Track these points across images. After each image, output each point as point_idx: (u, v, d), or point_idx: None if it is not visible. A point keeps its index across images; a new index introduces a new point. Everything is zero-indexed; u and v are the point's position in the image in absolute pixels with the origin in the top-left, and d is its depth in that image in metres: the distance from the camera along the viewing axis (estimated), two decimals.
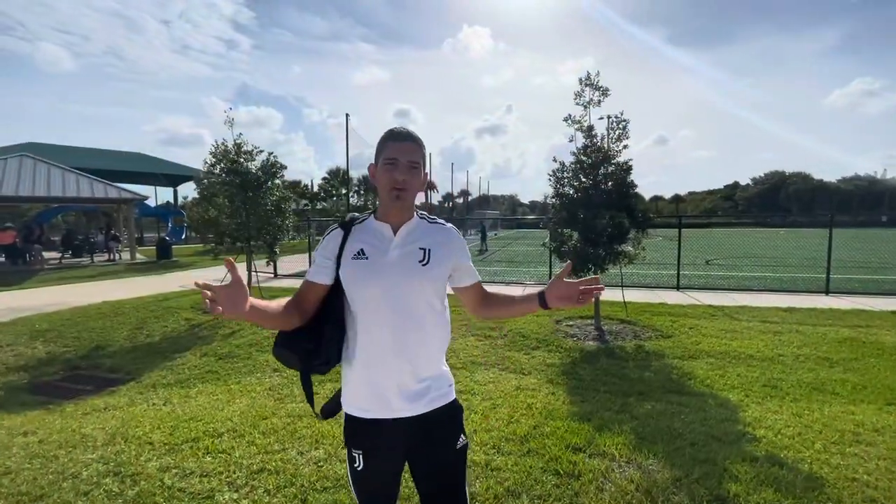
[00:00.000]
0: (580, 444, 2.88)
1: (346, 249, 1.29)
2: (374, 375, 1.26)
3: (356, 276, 1.26)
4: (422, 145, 1.31)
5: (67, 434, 3.14)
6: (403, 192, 1.25)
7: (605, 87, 5.93)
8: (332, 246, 1.31)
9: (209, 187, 7.99)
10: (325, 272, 1.30)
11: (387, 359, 1.25)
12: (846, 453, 2.74)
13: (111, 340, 6.19)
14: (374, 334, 1.26)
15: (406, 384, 1.27)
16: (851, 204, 64.24)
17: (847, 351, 5.10)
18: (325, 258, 1.31)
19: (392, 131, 1.29)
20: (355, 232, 1.32)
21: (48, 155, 19.87)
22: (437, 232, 1.35)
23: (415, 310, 1.26)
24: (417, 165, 1.28)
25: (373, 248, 1.28)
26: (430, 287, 1.28)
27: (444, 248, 1.32)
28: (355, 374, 1.29)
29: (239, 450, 2.85)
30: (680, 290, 9.22)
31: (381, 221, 1.32)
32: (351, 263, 1.27)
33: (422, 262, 1.28)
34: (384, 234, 1.30)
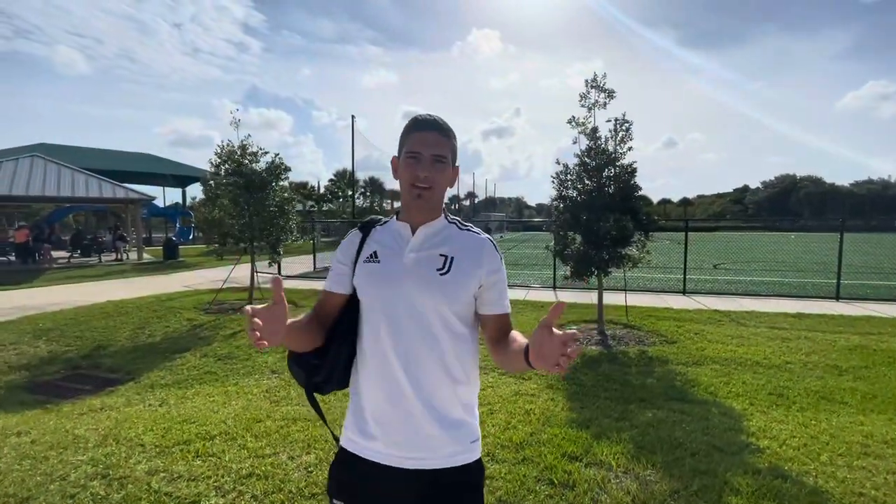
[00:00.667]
0: (577, 452, 2.81)
1: (362, 253, 1.13)
2: (380, 408, 1.06)
3: (365, 279, 1.10)
4: (451, 135, 1.11)
5: (60, 435, 3.13)
6: (427, 190, 1.07)
7: (611, 89, 5.86)
8: (349, 250, 1.15)
9: (214, 188, 8.02)
10: (342, 280, 1.14)
11: (392, 384, 1.04)
12: (853, 466, 2.64)
13: (113, 340, 6.21)
14: (380, 356, 1.06)
15: (414, 423, 1.04)
16: (864, 208, 63.25)
17: (857, 359, 4.97)
18: (341, 263, 1.15)
19: (416, 119, 1.11)
20: (374, 234, 1.16)
21: (59, 155, 20.16)
22: (467, 240, 1.13)
23: (428, 328, 1.04)
24: (444, 160, 1.08)
25: (387, 250, 1.11)
26: (447, 303, 1.05)
27: (472, 260, 1.09)
28: (357, 404, 1.11)
29: (229, 453, 2.81)
30: (686, 295, 9.08)
31: (401, 221, 1.14)
32: (363, 267, 1.11)
33: (440, 271, 1.06)
34: (402, 235, 1.12)
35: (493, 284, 1.11)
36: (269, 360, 5.19)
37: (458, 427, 1.07)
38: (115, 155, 32.19)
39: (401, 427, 1.04)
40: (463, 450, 1.07)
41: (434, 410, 1.04)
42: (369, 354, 1.08)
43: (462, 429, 1.08)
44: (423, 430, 1.04)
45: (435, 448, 1.05)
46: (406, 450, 1.04)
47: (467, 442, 1.08)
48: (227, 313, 7.56)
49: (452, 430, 1.06)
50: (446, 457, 1.05)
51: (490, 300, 1.11)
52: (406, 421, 1.04)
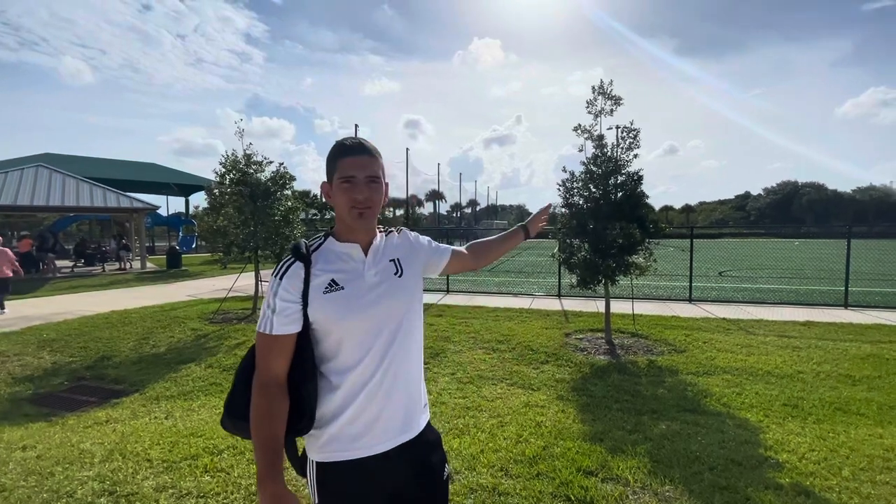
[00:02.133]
0: (592, 467, 2.75)
1: (312, 284, 1.09)
2: (360, 408, 1.11)
3: (334, 311, 1.09)
4: (378, 156, 1.17)
5: (66, 449, 3.08)
6: (368, 210, 1.13)
7: (618, 96, 5.86)
8: (293, 284, 1.09)
9: (219, 197, 8.03)
10: (294, 319, 1.08)
11: (374, 387, 1.11)
12: (877, 482, 2.58)
13: (117, 351, 6.17)
14: (362, 367, 1.11)
15: (394, 409, 1.15)
16: (867, 214, 63.08)
17: (870, 368, 4.90)
18: (288, 302, 1.08)
19: (342, 144, 1.14)
20: (317, 261, 1.13)
21: (64, 165, 20.28)
22: (396, 239, 1.29)
23: (401, 327, 1.16)
24: (378, 179, 1.14)
25: (345, 274, 1.13)
26: (410, 300, 1.20)
27: (409, 252, 1.27)
28: (332, 414, 1.11)
29: (238, 468, 2.77)
30: (692, 303, 9.01)
31: (346, 242, 1.16)
32: (324, 298, 1.09)
33: (397, 275, 1.19)
34: (353, 256, 1.16)
35: (429, 251, 1.34)
36: None
37: (422, 401, 1.25)
38: (118, 164, 32.38)
39: (386, 415, 1.14)
40: (423, 413, 1.25)
41: (407, 391, 1.18)
42: (351, 372, 1.11)
43: (421, 395, 1.25)
44: (402, 410, 1.17)
45: (413, 420, 1.19)
46: (387, 434, 1.14)
47: (421, 404, 1.25)
48: (232, 323, 7.53)
49: (420, 402, 1.24)
50: (418, 422, 1.21)
51: (437, 258, 1.36)
52: (389, 409, 1.14)
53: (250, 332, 6.87)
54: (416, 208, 54.40)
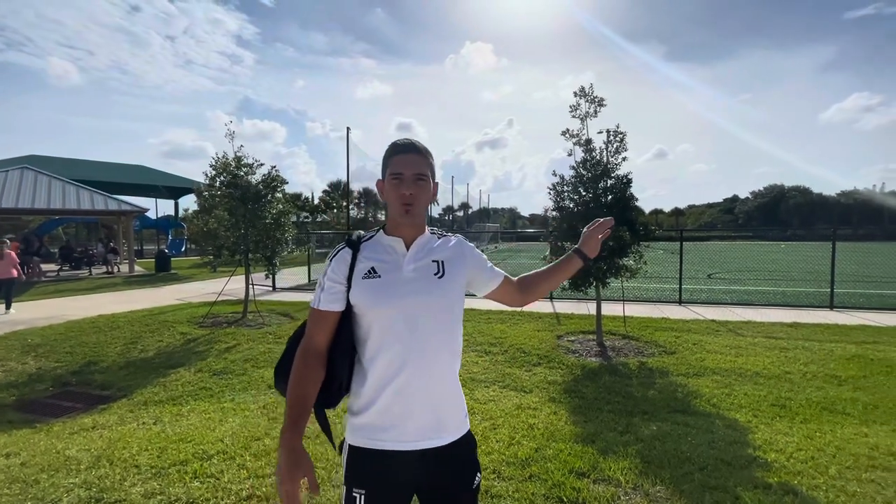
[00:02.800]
0: (584, 468, 2.77)
1: (356, 269, 1.20)
2: (389, 401, 1.16)
3: (369, 296, 1.17)
4: (428, 155, 1.24)
5: (51, 456, 3.03)
6: (412, 206, 1.19)
7: (601, 98, 5.92)
8: (341, 268, 1.21)
9: (209, 199, 7.96)
10: (337, 298, 1.20)
11: (403, 382, 1.15)
12: (862, 480, 2.62)
13: (104, 356, 6.08)
14: (389, 357, 1.16)
15: (423, 410, 1.17)
16: (851, 218, 64.30)
17: (855, 368, 4.99)
18: (334, 282, 1.21)
19: (395, 144, 1.24)
20: (364, 249, 1.23)
21: (50, 167, 19.96)
22: (447, 244, 1.31)
23: (432, 327, 1.18)
24: (425, 177, 1.21)
25: (385, 264, 1.21)
26: (446, 302, 1.21)
27: (457, 258, 1.28)
28: (366, 401, 1.18)
29: (228, 473, 2.74)
30: (682, 305, 9.11)
31: (392, 236, 1.25)
32: (362, 283, 1.18)
33: (437, 275, 1.21)
34: (396, 250, 1.23)
35: (479, 266, 1.34)
36: (265, 375, 5.10)
37: (455, 405, 1.24)
38: (106, 166, 31.90)
39: (414, 415, 1.16)
40: (458, 424, 1.23)
41: (439, 395, 1.19)
42: (381, 359, 1.17)
43: (457, 406, 1.24)
44: (429, 415, 1.17)
45: (442, 428, 1.19)
46: (418, 434, 1.17)
47: (461, 416, 1.25)
48: (222, 327, 7.45)
49: (453, 409, 1.23)
50: (449, 431, 1.20)
51: (486, 277, 1.35)
52: (418, 408, 1.16)
53: (241, 335, 6.81)
54: None
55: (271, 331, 7.10)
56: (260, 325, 7.52)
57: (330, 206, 43.62)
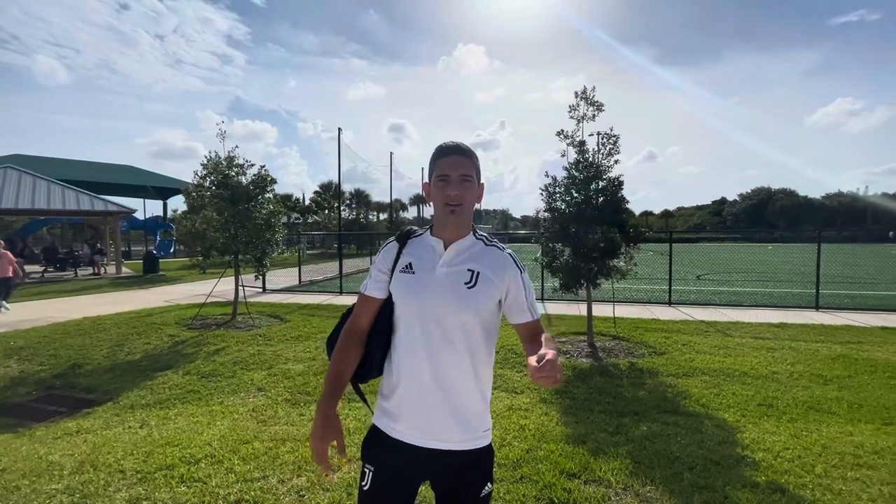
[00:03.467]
0: (575, 469, 2.77)
1: (399, 262, 1.27)
2: (407, 396, 1.22)
3: (402, 289, 1.24)
4: (473, 157, 1.26)
5: (33, 462, 2.95)
6: (458, 206, 1.21)
7: (600, 102, 5.97)
8: (387, 259, 1.30)
9: (198, 199, 7.86)
10: (381, 286, 1.29)
11: (421, 382, 1.20)
12: (848, 478, 2.66)
13: (89, 358, 5.96)
14: (411, 354, 1.22)
15: (438, 414, 1.20)
16: (836, 220, 65.48)
17: (840, 368, 5.07)
18: (380, 271, 1.30)
19: (441, 147, 1.27)
20: (410, 245, 1.30)
21: (36, 167, 19.59)
22: (492, 256, 1.27)
23: (453, 335, 1.19)
24: (470, 178, 1.23)
25: (421, 262, 1.25)
26: (473, 312, 1.19)
27: (497, 274, 1.23)
28: (388, 387, 1.27)
29: (216, 478, 2.69)
30: (672, 306, 9.19)
31: (435, 237, 1.28)
32: (399, 276, 1.25)
33: (468, 285, 1.20)
34: (435, 250, 1.27)
35: (516, 295, 1.26)
36: (255, 377, 5.04)
37: (473, 417, 1.22)
38: (93, 166, 31.41)
39: (423, 413, 1.20)
40: (474, 437, 1.23)
41: (452, 403, 1.20)
42: (402, 352, 1.24)
43: (477, 420, 1.23)
44: (441, 418, 1.20)
45: (450, 433, 1.20)
46: (425, 432, 1.20)
47: (480, 430, 1.24)
48: (211, 329, 7.36)
49: (467, 419, 1.22)
50: (459, 441, 1.21)
51: (518, 309, 1.27)
52: (428, 409, 1.20)
53: (230, 338, 6.73)
54: (400, 212, 54.26)
55: (261, 333, 7.03)
56: (249, 327, 7.44)
57: (321, 207, 43.37)
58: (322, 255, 28.51)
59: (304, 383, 4.79)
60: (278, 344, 6.42)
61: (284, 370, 5.26)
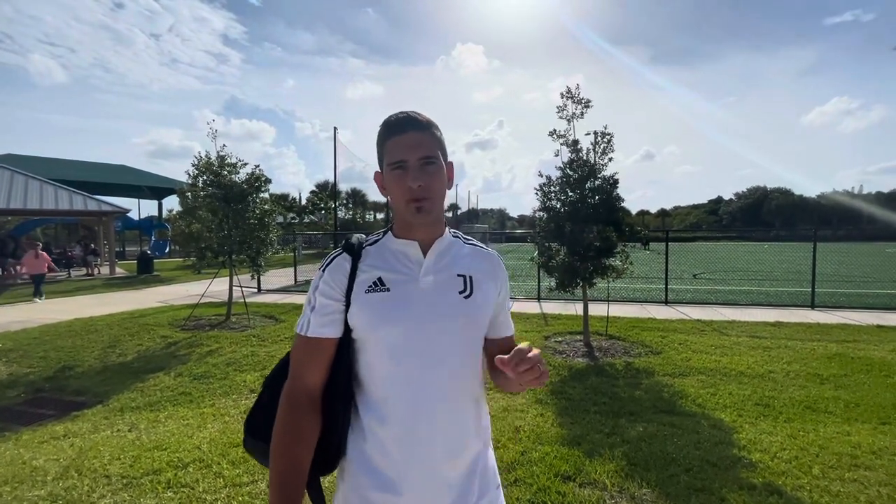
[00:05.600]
0: (570, 471, 2.73)
1: (357, 281, 0.93)
2: (392, 462, 0.89)
3: (374, 314, 0.90)
4: (433, 128, 0.93)
5: (17, 467, 2.89)
6: (425, 201, 0.90)
7: (587, 99, 5.92)
8: (338, 279, 0.93)
9: (192, 199, 7.78)
10: (334, 320, 0.92)
11: (410, 435, 0.89)
12: (845, 479, 2.63)
13: (80, 360, 5.88)
14: (400, 404, 0.89)
15: (438, 475, 0.90)
16: (831, 219, 65.86)
17: (836, 367, 5.05)
18: (329, 298, 0.92)
19: (389, 123, 0.92)
20: (367, 256, 0.96)
21: (29, 167, 19.41)
22: (478, 257, 1.01)
23: (452, 360, 0.91)
24: (434, 160, 0.91)
25: (396, 274, 0.93)
26: (473, 328, 0.95)
27: (490, 278, 0.99)
28: (361, 465, 0.91)
29: (204, 483, 2.64)
30: (668, 305, 9.18)
31: (403, 239, 0.96)
32: (365, 299, 0.91)
33: (463, 294, 0.94)
34: (409, 256, 0.95)
35: (502, 305, 1.04)
36: (247, 379, 4.98)
37: (482, 471, 0.97)
38: (87, 166, 31.14)
39: (420, 480, 0.90)
40: (492, 499, 0.97)
41: (457, 455, 0.92)
42: (385, 407, 0.90)
43: (485, 473, 0.98)
44: (445, 479, 0.91)
45: (459, 496, 0.92)
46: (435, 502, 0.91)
47: (493, 488, 0.99)
48: (205, 330, 7.28)
49: (477, 474, 0.95)
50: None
51: (500, 322, 1.03)
52: (427, 472, 0.90)
53: (223, 339, 6.66)
54: None
55: (255, 333, 6.96)
56: (244, 328, 7.37)
57: (318, 207, 43.23)
58: (318, 254, 28.43)
59: None
60: (272, 345, 6.36)
61: None
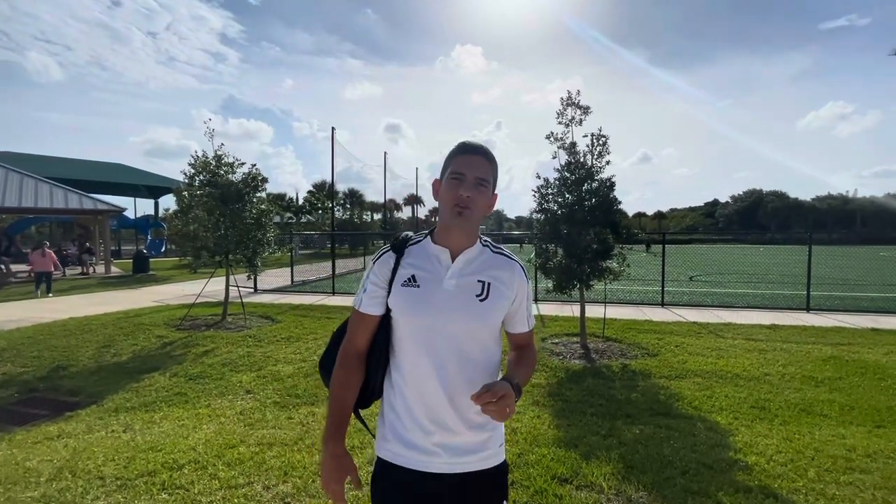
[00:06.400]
0: (566, 474, 2.73)
1: (398, 274, 1.15)
2: (417, 419, 1.13)
3: (405, 304, 1.13)
4: (493, 162, 1.17)
5: (9, 468, 2.86)
6: (467, 210, 1.10)
7: (587, 106, 5.94)
8: (383, 271, 1.17)
9: (188, 199, 7.74)
10: (378, 302, 1.16)
11: (432, 402, 1.11)
12: (841, 482, 2.64)
13: (75, 360, 5.84)
14: (418, 373, 1.12)
15: (452, 435, 1.12)
16: (826, 222, 66.27)
17: (831, 370, 5.08)
18: (376, 286, 1.17)
19: (464, 144, 1.15)
20: (408, 255, 1.18)
21: (24, 165, 19.28)
22: (501, 265, 1.19)
23: (466, 350, 1.12)
24: (486, 183, 1.13)
25: (426, 273, 1.14)
26: (485, 326, 1.14)
27: (507, 285, 1.17)
28: (394, 416, 1.16)
29: (199, 484, 2.62)
30: (664, 307, 9.20)
31: (439, 245, 1.16)
32: (401, 290, 1.14)
33: (479, 297, 1.13)
34: (440, 260, 1.16)
35: (520, 305, 1.22)
36: (243, 380, 4.96)
37: (490, 434, 1.16)
38: (83, 164, 30.98)
39: (440, 437, 1.12)
40: (492, 454, 1.17)
41: (470, 422, 1.12)
42: (408, 373, 1.14)
43: (493, 436, 1.17)
44: (460, 439, 1.12)
45: (470, 454, 1.13)
46: (444, 457, 1.12)
47: (496, 446, 1.18)
48: (201, 330, 7.25)
49: (485, 437, 1.15)
50: (479, 461, 1.14)
51: (518, 320, 1.23)
52: (445, 432, 1.12)
53: (219, 339, 6.63)
54: (395, 212, 54.12)
55: (251, 334, 6.93)
56: (240, 328, 7.34)
57: (315, 207, 43.13)
58: (315, 254, 28.35)
59: (294, 385, 4.72)
60: (268, 345, 6.34)
61: (274, 372, 5.18)
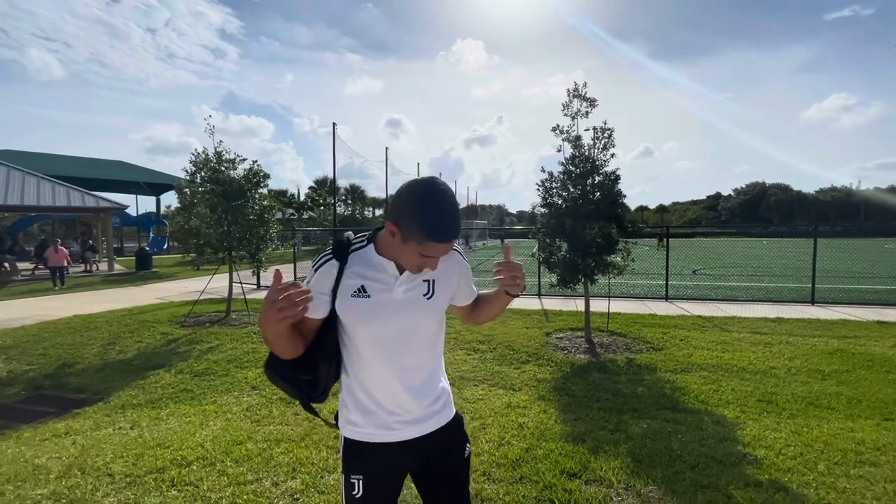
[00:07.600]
0: (575, 468, 2.72)
1: (342, 283, 1.17)
2: (377, 406, 1.22)
3: (357, 315, 1.17)
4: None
5: (19, 465, 2.87)
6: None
7: (593, 98, 5.89)
8: (325, 281, 1.18)
9: (190, 196, 7.73)
10: (320, 307, 1.19)
11: (390, 391, 1.21)
12: (851, 476, 2.62)
13: (80, 357, 5.86)
14: (375, 369, 1.21)
15: (410, 412, 1.23)
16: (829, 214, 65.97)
17: (838, 363, 5.06)
18: (318, 293, 1.18)
19: (439, 228, 1.06)
20: (353, 263, 1.19)
21: (27, 163, 19.29)
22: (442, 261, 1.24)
23: (418, 342, 1.23)
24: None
25: (375, 283, 1.18)
26: (433, 318, 1.24)
27: (448, 275, 1.27)
28: (355, 402, 1.24)
29: (208, 481, 2.62)
30: (669, 301, 9.18)
31: (384, 258, 1.19)
32: (351, 301, 1.17)
33: (426, 296, 1.22)
34: (388, 271, 1.19)
35: (465, 281, 1.34)
36: (249, 376, 4.96)
37: (440, 397, 1.28)
38: (84, 162, 30.98)
39: (400, 417, 1.22)
40: (445, 412, 1.29)
41: (424, 396, 1.24)
42: (365, 370, 1.21)
43: (442, 397, 1.29)
44: (416, 414, 1.23)
45: (427, 419, 1.25)
46: (406, 430, 1.23)
47: (447, 404, 1.31)
48: (205, 326, 7.26)
49: (437, 402, 1.27)
50: (437, 421, 1.27)
51: (466, 293, 1.37)
52: (405, 413, 1.22)
53: (224, 335, 6.64)
54: None
55: (256, 330, 6.93)
56: (244, 325, 7.35)
57: (317, 203, 43.10)
58: (317, 251, 28.37)
59: None
60: None
61: None
